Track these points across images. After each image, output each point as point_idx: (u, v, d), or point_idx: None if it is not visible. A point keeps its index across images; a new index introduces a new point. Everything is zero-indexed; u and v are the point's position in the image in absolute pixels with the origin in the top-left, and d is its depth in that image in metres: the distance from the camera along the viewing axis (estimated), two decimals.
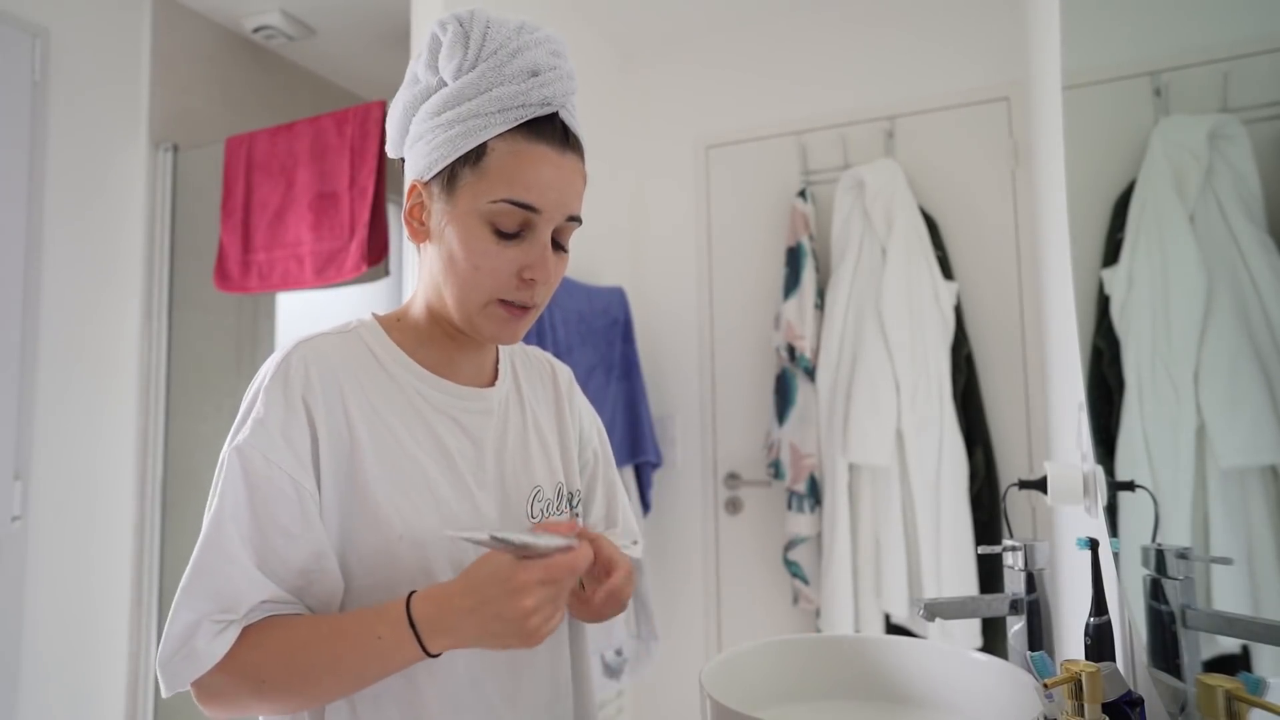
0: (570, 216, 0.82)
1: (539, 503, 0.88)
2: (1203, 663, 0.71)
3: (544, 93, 0.79)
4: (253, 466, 0.75)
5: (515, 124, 0.78)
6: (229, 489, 0.75)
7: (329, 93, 3.00)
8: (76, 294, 2.16)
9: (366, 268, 2.07)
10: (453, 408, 0.85)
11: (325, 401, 0.78)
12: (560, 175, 0.80)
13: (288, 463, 0.75)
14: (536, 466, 0.90)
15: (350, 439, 0.78)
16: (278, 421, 0.76)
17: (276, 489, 0.74)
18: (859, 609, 2.23)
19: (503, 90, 0.78)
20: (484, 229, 0.79)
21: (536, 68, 0.79)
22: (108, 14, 2.27)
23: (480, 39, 0.79)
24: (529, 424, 0.92)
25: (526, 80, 0.78)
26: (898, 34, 2.51)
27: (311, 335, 0.83)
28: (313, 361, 0.79)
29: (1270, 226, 0.57)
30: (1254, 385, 0.61)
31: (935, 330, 2.23)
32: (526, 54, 0.79)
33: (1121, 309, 0.92)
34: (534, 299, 0.82)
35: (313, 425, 0.77)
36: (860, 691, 0.91)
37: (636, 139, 2.86)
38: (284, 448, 0.75)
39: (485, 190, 0.78)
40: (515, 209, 0.78)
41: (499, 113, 0.78)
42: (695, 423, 2.69)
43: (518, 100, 0.78)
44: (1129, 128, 0.87)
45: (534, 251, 0.80)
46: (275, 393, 0.77)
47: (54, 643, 2.07)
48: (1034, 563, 0.99)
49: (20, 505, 2.00)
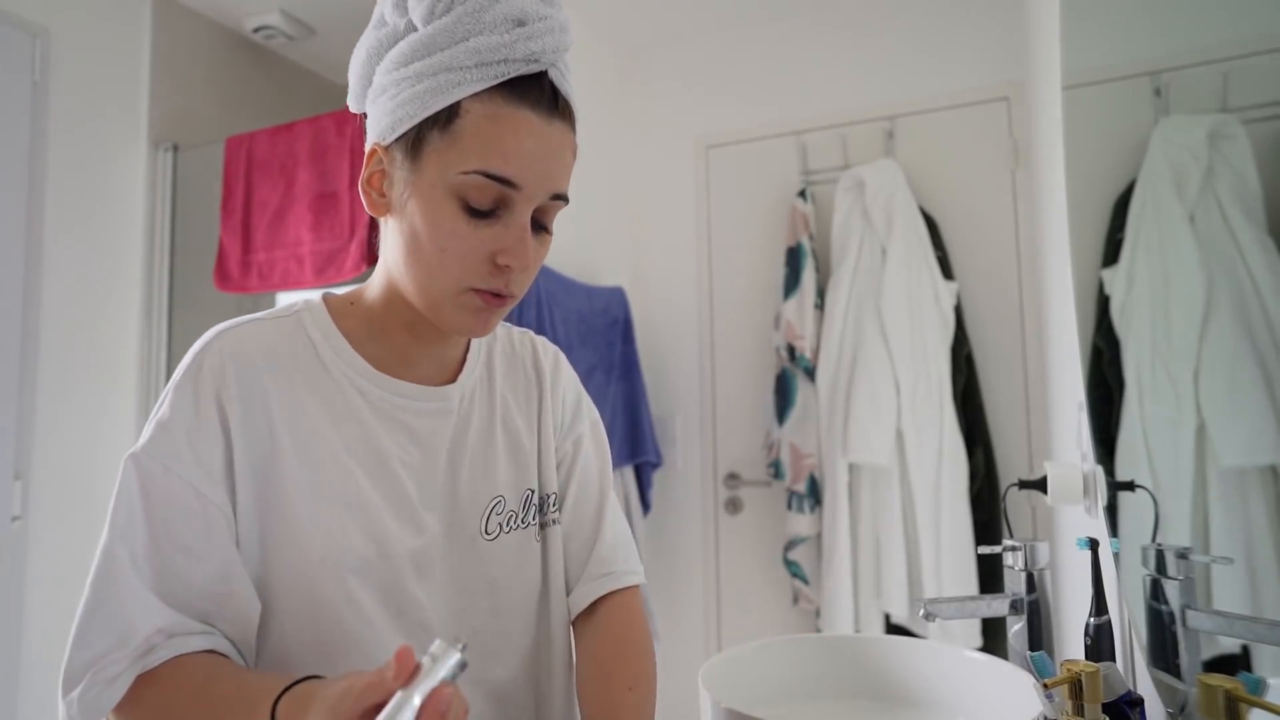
0: (555, 195, 0.70)
1: (498, 515, 0.79)
2: (1203, 663, 0.71)
3: (530, 46, 0.67)
4: (151, 478, 0.66)
5: (495, 82, 0.66)
6: (123, 503, 0.66)
7: (329, 93, 3.00)
8: (76, 294, 2.17)
9: (366, 268, 2.07)
10: (401, 409, 0.75)
11: (243, 401, 0.69)
12: (544, 145, 0.68)
13: (191, 473, 0.67)
14: (500, 473, 0.80)
15: (271, 445, 0.69)
16: (184, 425, 0.67)
17: (177, 502, 0.66)
18: (859, 609, 2.23)
19: (481, 40, 0.66)
20: (453, 204, 0.67)
21: (523, 15, 0.67)
22: (108, 14, 2.27)
23: None
24: (497, 422, 0.82)
25: (511, 30, 0.67)
26: (898, 34, 2.51)
27: (237, 322, 0.73)
28: (231, 355, 0.70)
29: (1270, 226, 0.57)
30: (1254, 385, 0.61)
31: (935, 330, 2.23)
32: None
33: (1121, 309, 0.92)
34: (510, 287, 0.70)
35: (226, 430, 0.68)
36: (860, 691, 0.91)
37: (636, 139, 2.87)
38: (188, 455, 0.67)
39: (456, 159, 0.67)
40: (490, 182, 0.67)
41: (476, 67, 0.66)
42: (695, 423, 2.69)
43: (499, 54, 0.66)
44: (1129, 128, 0.87)
45: (510, 234, 0.68)
46: (185, 392, 0.68)
47: (54, 643, 2.07)
48: (1034, 563, 0.99)
49: (20, 505, 2.00)
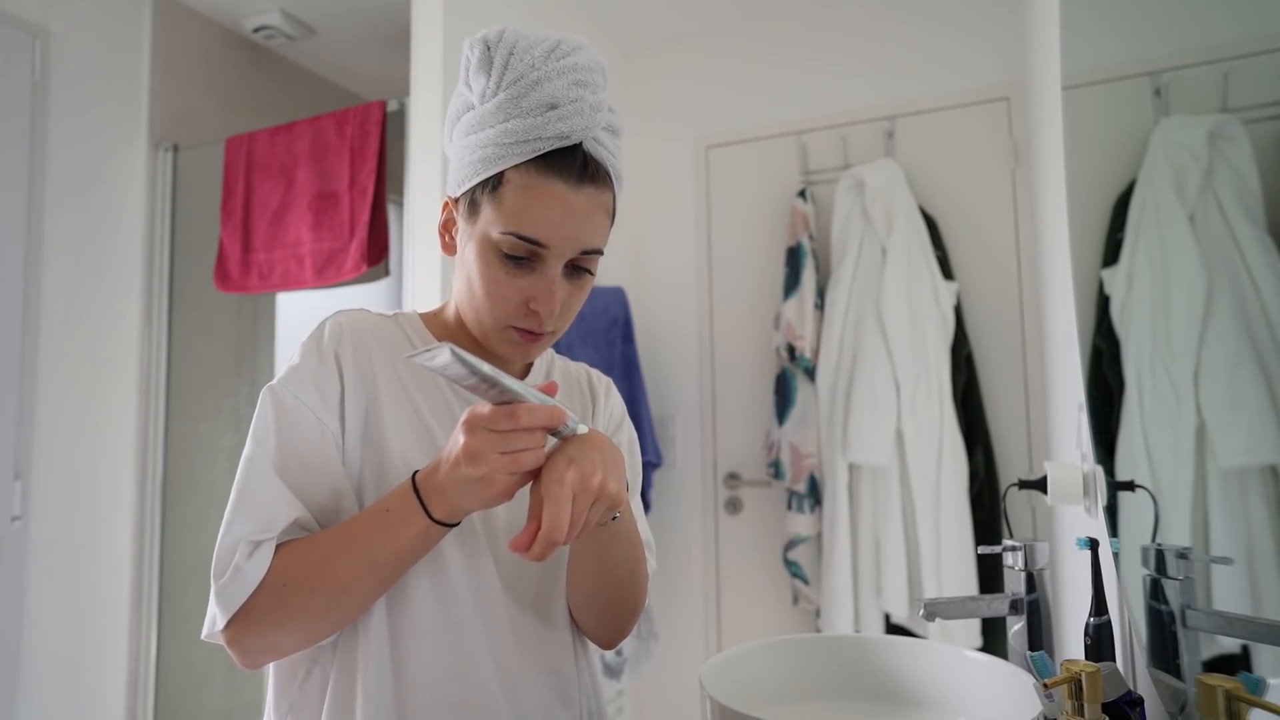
0: (587, 250, 0.81)
1: None
2: (1203, 663, 0.71)
3: (560, 127, 0.77)
4: (283, 404, 0.79)
5: (530, 157, 0.77)
6: (260, 423, 0.79)
7: (329, 93, 3.00)
8: (76, 294, 2.16)
9: (366, 268, 2.07)
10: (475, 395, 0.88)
11: (355, 360, 0.83)
12: (570, 212, 0.79)
13: (314, 404, 0.79)
14: None
15: (374, 398, 0.82)
16: (310, 369, 0.81)
17: (302, 425, 0.79)
18: (859, 609, 2.23)
19: (519, 123, 0.77)
20: (495, 256, 0.80)
21: (555, 100, 0.77)
22: (108, 14, 2.27)
23: (503, 65, 0.78)
24: None
25: (544, 114, 0.77)
26: (898, 34, 2.51)
27: (355, 308, 0.88)
28: (348, 326, 0.85)
29: (1270, 226, 0.57)
30: (1254, 385, 0.61)
31: (935, 330, 2.23)
32: (546, 86, 0.77)
33: (1121, 309, 0.92)
34: (544, 327, 0.82)
35: (341, 377, 0.81)
36: (860, 691, 0.91)
37: (636, 139, 2.86)
38: (313, 391, 0.80)
39: (498, 220, 0.79)
40: (522, 242, 0.78)
41: (515, 144, 0.77)
42: (695, 423, 2.69)
43: (533, 133, 0.77)
44: (1129, 128, 0.87)
45: (541, 284, 0.80)
46: (310, 346, 0.83)
47: (54, 643, 2.07)
48: (1034, 563, 0.99)
49: (20, 505, 2.00)
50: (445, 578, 0.80)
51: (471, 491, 0.70)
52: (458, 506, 0.71)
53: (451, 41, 2.00)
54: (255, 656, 0.76)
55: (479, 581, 0.82)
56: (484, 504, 0.71)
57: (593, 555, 0.83)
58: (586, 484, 0.70)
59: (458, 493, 0.70)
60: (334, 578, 0.73)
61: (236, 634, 0.74)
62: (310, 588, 0.74)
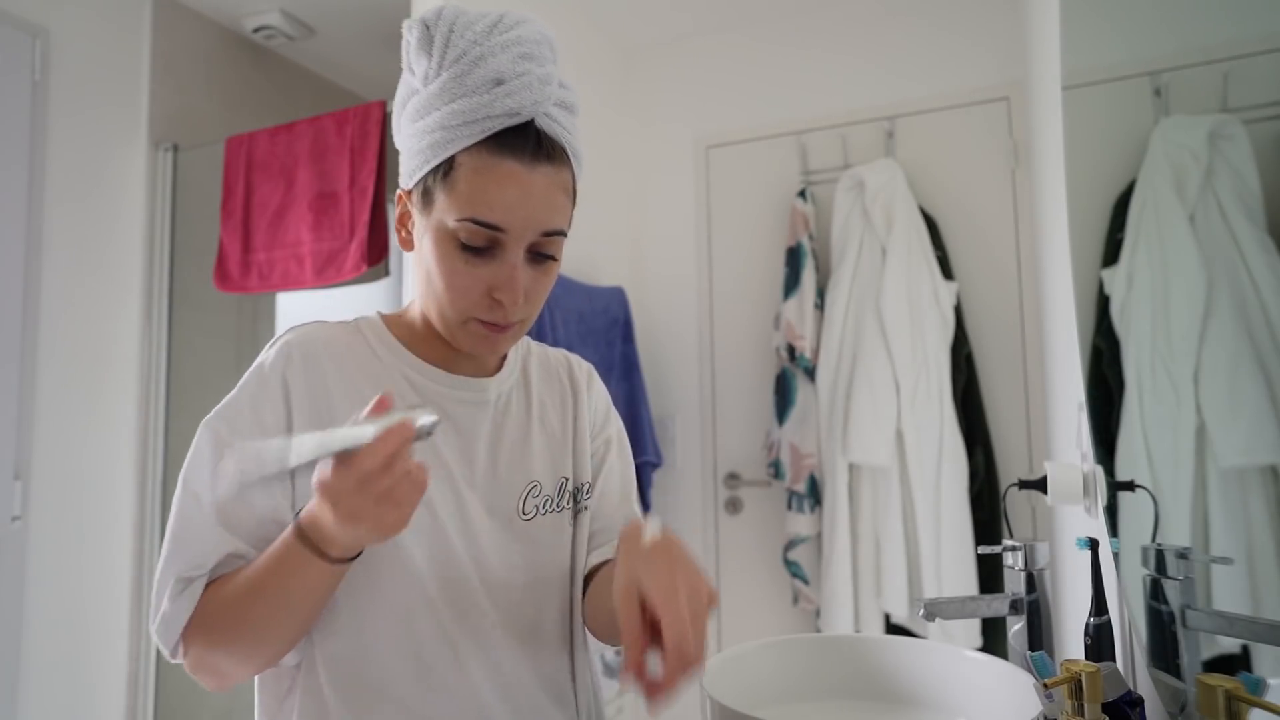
0: (547, 232, 0.77)
1: (534, 498, 0.86)
2: (1203, 663, 0.71)
3: (509, 103, 0.74)
4: (217, 437, 0.77)
5: (481, 137, 0.74)
6: (195, 459, 0.77)
7: (329, 93, 3.00)
8: (76, 294, 2.16)
9: (366, 268, 2.07)
10: (443, 397, 0.84)
11: (306, 383, 0.79)
12: (527, 193, 0.75)
13: (249, 433, 0.77)
14: (536, 460, 0.88)
15: (330, 416, 0.79)
16: (249, 397, 0.78)
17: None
18: (859, 609, 2.23)
19: (465, 102, 0.74)
20: (452, 246, 0.76)
21: (501, 75, 0.74)
22: (108, 14, 2.27)
23: (444, 44, 0.75)
24: (534, 418, 0.90)
25: (490, 90, 0.74)
26: (898, 34, 2.51)
27: (308, 322, 0.85)
28: (298, 344, 0.81)
29: (1270, 226, 0.57)
30: (1254, 385, 0.61)
31: (935, 330, 2.23)
32: (491, 61, 0.74)
33: (1121, 309, 0.92)
34: (509, 317, 0.79)
35: (288, 401, 0.78)
36: (860, 691, 0.91)
37: (636, 139, 2.86)
38: (250, 420, 0.77)
39: (452, 207, 0.75)
40: (479, 228, 0.75)
41: (463, 125, 0.74)
42: (695, 423, 2.69)
43: (481, 112, 0.74)
44: (1129, 128, 0.87)
45: (502, 272, 0.77)
46: (255, 373, 0.80)
47: (54, 643, 2.07)
48: (1034, 563, 0.99)
49: (20, 505, 2.00)
50: (420, 591, 0.78)
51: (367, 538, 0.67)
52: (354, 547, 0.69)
53: None
54: (215, 681, 0.76)
55: (459, 593, 0.80)
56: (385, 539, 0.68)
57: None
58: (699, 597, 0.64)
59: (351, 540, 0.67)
60: (252, 619, 0.72)
61: (190, 665, 0.75)
62: (233, 628, 0.73)
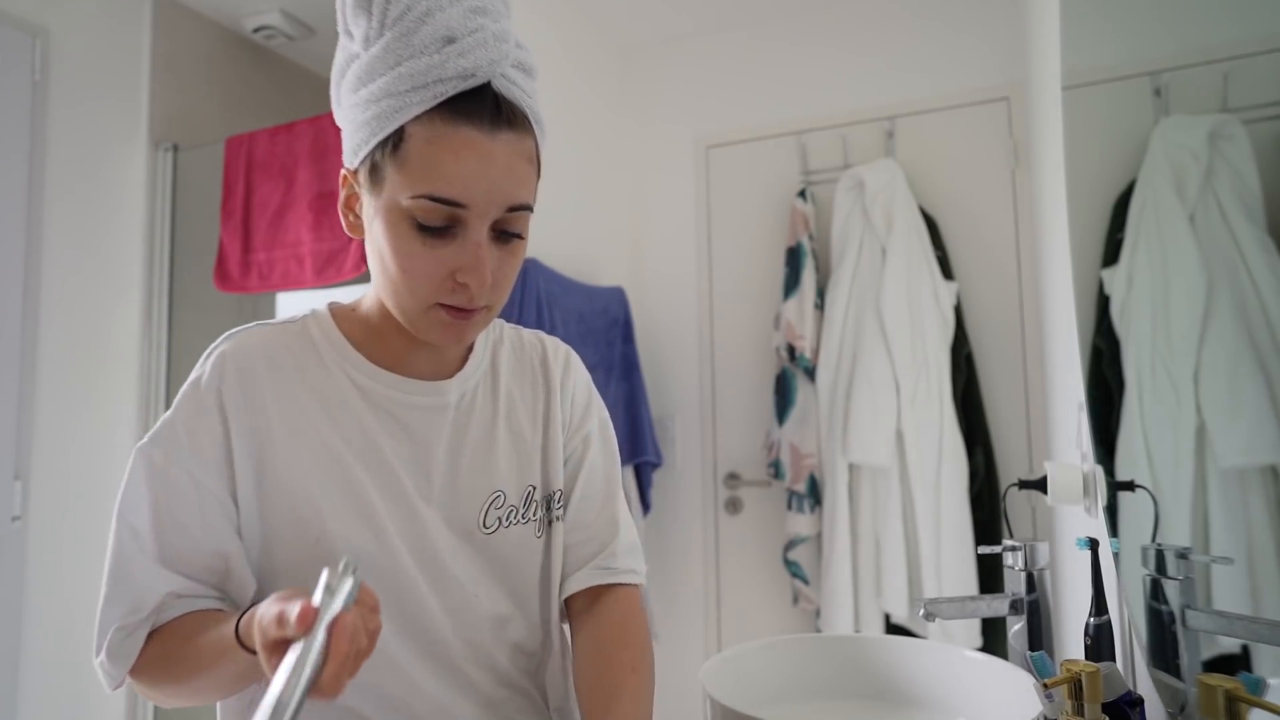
0: (513, 206, 0.70)
1: (497, 509, 0.79)
2: (1203, 663, 0.71)
3: (462, 63, 0.66)
4: (152, 464, 0.72)
5: (434, 103, 0.66)
6: (131, 491, 0.73)
7: (329, 93, 3.00)
8: (76, 294, 2.16)
9: (366, 268, 2.07)
10: (395, 403, 0.77)
11: (243, 398, 0.73)
12: (488, 162, 0.67)
13: (186, 461, 0.72)
14: (501, 468, 0.81)
15: (268, 436, 0.73)
16: (184, 420, 0.73)
17: (175, 486, 0.71)
18: (859, 609, 2.23)
19: (414, 64, 0.66)
20: (408, 226, 0.68)
21: (452, 32, 0.66)
22: (108, 14, 2.27)
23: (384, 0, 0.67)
24: (500, 419, 0.82)
25: (441, 50, 0.66)
26: (898, 34, 2.51)
27: (244, 328, 0.78)
28: (233, 356, 0.75)
29: (1270, 226, 0.57)
30: (1254, 385, 0.61)
31: (935, 330, 2.23)
32: (439, 16, 0.66)
33: (1121, 309, 0.92)
34: (475, 301, 0.71)
35: (225, 423, 0.72)
36: (860, 691, 0.91)
37: (636, 139, 2.86)
38: (186, 445, 0.72)
39: (405, 183, 0.67)
40: (437, 205, 0.67)
41: (411, 90, 0.66)
42: (695, 423, 2.69)
43: (432, 74, 0.66)
44: (1129, 128, 0.87)
45: (466, 252, 0.69)
46: (190, 391, 0.74)
47: (54, 642, 2.07)
48: (1034, 563, 0.99)
49: (20, 505, 2.00)
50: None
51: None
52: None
53: None
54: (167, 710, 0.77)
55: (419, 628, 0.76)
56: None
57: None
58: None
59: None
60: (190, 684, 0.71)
61: (139, 691, 0.74)
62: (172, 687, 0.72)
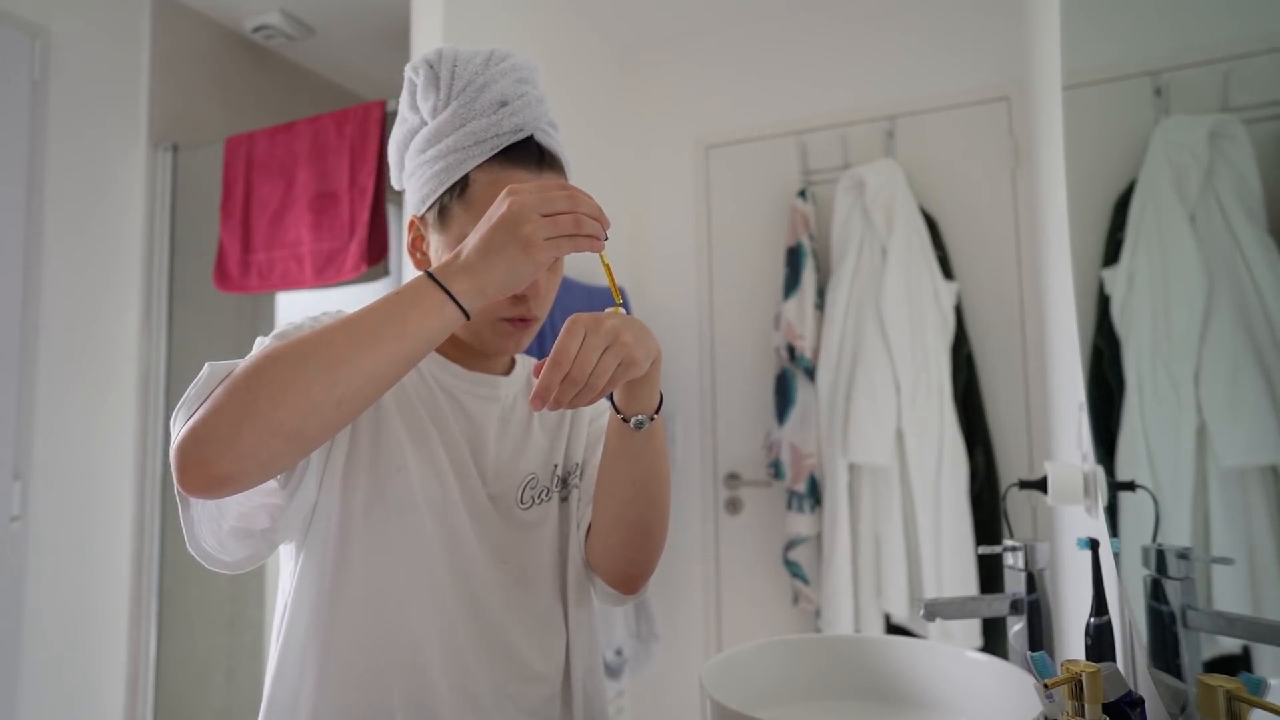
0: None
1: (532, 489, 0.92)
2: (1203, 663, 0.71)
3: (514, 120, 0.85)
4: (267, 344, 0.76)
5: (492, 153, 0.84)
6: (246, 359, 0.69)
7: (329, 93, 3.00)
8: (76, 294, 2.16)
9: (366, 268, 2.07)
10: (456, 389, 0.90)
11: None
12: None
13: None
14: (535, 454, 0.93)
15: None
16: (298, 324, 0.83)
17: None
18: (859, 609, 2.23)
19: (476, 124, 0.84)
20: None
21: (505, 98, 0.85)
22: (108, 14, 2.27)
23: (449, 78, 0.85)
24: (534, 416, 0.96)
25: (497, 111, 0.84)
26: (898, 34, 2.51)
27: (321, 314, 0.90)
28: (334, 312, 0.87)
29: (1271, 226, 0.57)
30: (1254, 385, 0.61)
31: (935, 330, 2.23)
32: (494, 86, 0.85)
33: (1121, 309, 0.92)
34: (531, 312, 0.87)
35: None
36: (860, 691, 0.91)
37: (636, 139, 2.86)
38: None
39: (472, 220, 0.82)
40: None
41: (474, 145, 0.84)
42: (695, 423, 2.69)
43: (491, 131, 0.84)
44: (1129, 128, 0.87)
45: None
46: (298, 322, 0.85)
47: (54, 642, 2.07)
48: (1034, 563, 0.99)
49: (20, 505, 1.99)
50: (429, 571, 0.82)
51: (504, 258, 0.69)
52: (485, 281, 0.69)
53: (452, 41, 2.00)
54: (206, 469, 0.62)
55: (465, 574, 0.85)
56: (514, 277, 0.70)
57: (625, 462, 0.84)
58: (600, 325, 0.71)
59: (486, 264, 0.69)
60: (329, 348, 0.66)
61: (195, 430, 0.63)
62: (300, 356, 0.65)
